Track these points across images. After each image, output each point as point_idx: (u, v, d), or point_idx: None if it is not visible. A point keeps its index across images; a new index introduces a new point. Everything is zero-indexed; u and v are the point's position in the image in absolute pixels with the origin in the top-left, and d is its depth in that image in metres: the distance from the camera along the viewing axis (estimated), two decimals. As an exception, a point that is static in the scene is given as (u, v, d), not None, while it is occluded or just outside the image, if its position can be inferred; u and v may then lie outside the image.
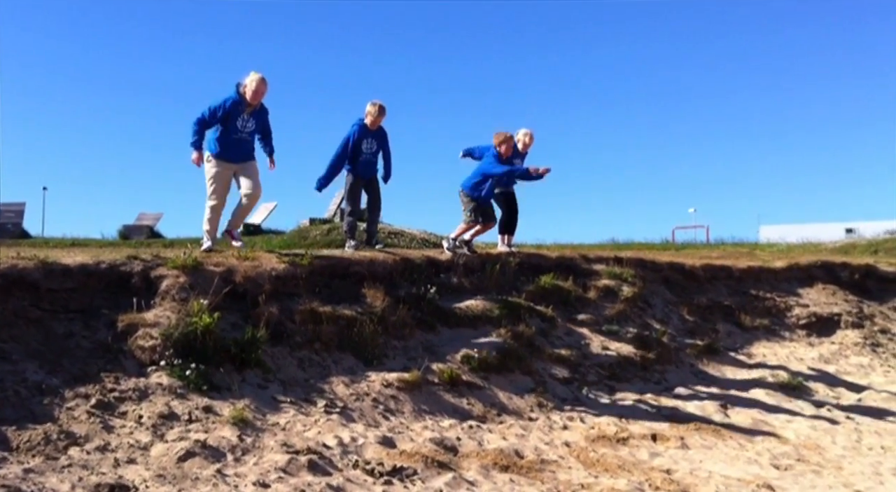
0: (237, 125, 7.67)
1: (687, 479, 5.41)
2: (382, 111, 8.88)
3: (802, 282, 11.16)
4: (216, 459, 4.66)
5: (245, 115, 7.70)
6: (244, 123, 7.71)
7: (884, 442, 6.75)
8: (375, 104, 8.86)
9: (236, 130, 7.68)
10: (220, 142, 7.74)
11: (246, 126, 7.74)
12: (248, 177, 7.84)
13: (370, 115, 8.83)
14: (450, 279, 8.73)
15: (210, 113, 7.60)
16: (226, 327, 6.27)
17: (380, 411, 6.05)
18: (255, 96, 7.61)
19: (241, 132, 7.72)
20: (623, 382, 7.90)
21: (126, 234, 17.80)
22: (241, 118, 7.67)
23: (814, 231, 25.13)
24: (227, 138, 7.70)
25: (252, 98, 7.61)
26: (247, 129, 7.76)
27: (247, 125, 7.74)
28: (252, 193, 7.86)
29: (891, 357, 9.57)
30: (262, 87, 7.63)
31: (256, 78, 7.59)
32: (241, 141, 7.75)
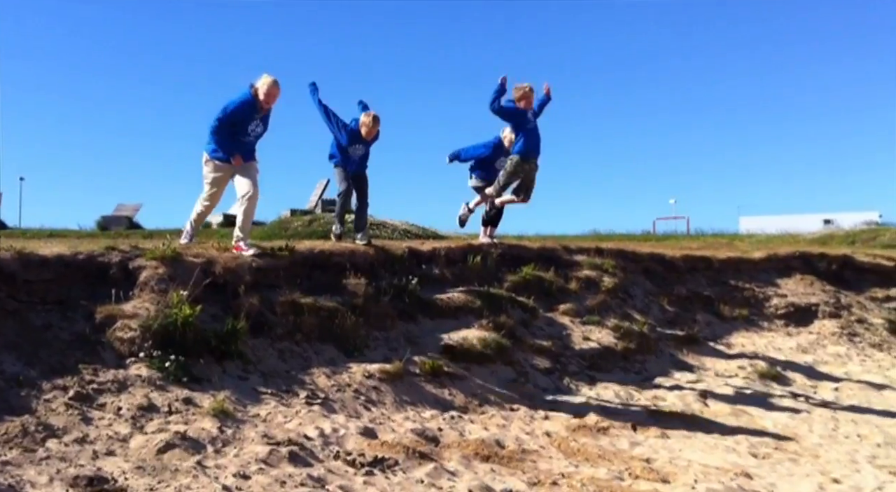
0: (247, 129, 7.28)
1: (666, 468, 5.46)
2: (377, 122, 8.61)
3: (781, 272, 11.27)
4: (196, 450, 4.64)
5: (256, 119, 7.31)
6: (254, 127, 7.32)
7: (860, 430, 6.85)
8: (370, 115, 8.55)
9: (245, 133, 7.30)
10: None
11: (255, 130, 7.36)
12: (246, 176, 7.37)
13: (365, 126, 8.54)
14: (431, 270, 8.73)
15: (228, 117, 7.20)
16: (206, 319, 6.22)
17: (361, 402, 6.05)
18: (268, 100, 7.20)
19: (250, 136, 7.34)
20: (604, 372, 7.95)
21: (104, 225, 17.63)
22: (253, 122, 7.28)
23: (793, 222, 25.35)
24: (234, 142, 7.31)
25: (265, 102, 7.19)
26: (255, 132, 7.38)
27: (256, 129, 7.37)
28: (252, 193, 7.36)
29: (867, 347, 9.70)
30: (276, 91, 7.22)
31: (269, 81, 7.16)
32: (247, 144, 7.37)
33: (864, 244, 16.40)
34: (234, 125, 7.21)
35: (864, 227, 21.19)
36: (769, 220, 27.78)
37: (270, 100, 7.20)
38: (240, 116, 7.21)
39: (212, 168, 7.44)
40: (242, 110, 7.19)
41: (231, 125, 7.21)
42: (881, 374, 8.85)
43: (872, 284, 11.54)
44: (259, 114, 7.27)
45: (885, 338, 10.01)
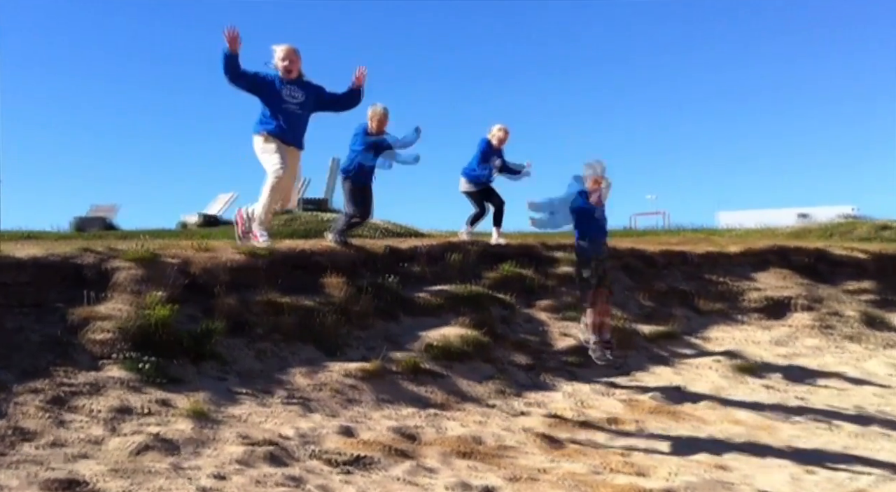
0: (282, 95, 6.74)
1: (644, 461, 5.50)
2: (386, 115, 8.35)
3: (757, 266, 11.36)
4: (172, 452, 4.62)
5: (289, 86, 6.78)
6: (291, 91, 6.75)
7: (834, 421, 6.93)
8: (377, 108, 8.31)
9: (282, 99, 6.75)
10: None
11: (294, 96, 6.77)
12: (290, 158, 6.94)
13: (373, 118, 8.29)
14: (411, 268, 8.74)
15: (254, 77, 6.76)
16: (182, 320, 6.20)
17: (339, 401, 6.04)
18: (287, 68, 6.68)
19: (290, 103, 6.76)
20: (583, 367, 7.97)
21: (80, 226, 17.42)
22: (286, 88, 6.75)
23: (770, 216, 25.60)
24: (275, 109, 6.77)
25: (285, 72, 6.69)
26: (295, 98, 6.78)
27: (295, 95, 6.77)
28: (281, 172, 6.82)
29: (842, 339, 9.81)
30: (289, 56, 6.71)
31: (276, 51, 6.72)
32: (290, 114, 6.81)
33: (839, 237, 16.58)
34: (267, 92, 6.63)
35: (840, 220, 21.42)
36: (747, 214, 28.01)
37: (291, 67, 6.67)
38: (265, 78, 6.65)
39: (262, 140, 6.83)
40: (268, 77, 6.66)
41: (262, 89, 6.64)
42: (855, 366, 8.96)
43: (847, 277, 11.67)
44: (288, 81, 6.70)
45: (860, 330, 10.12)
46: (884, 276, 11.83)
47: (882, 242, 15.07)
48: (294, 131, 6.63)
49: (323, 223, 12.94)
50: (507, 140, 9.64)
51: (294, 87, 6.50)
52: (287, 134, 6.53)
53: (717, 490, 4.94)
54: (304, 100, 6.55)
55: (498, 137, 9.60)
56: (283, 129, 6.48)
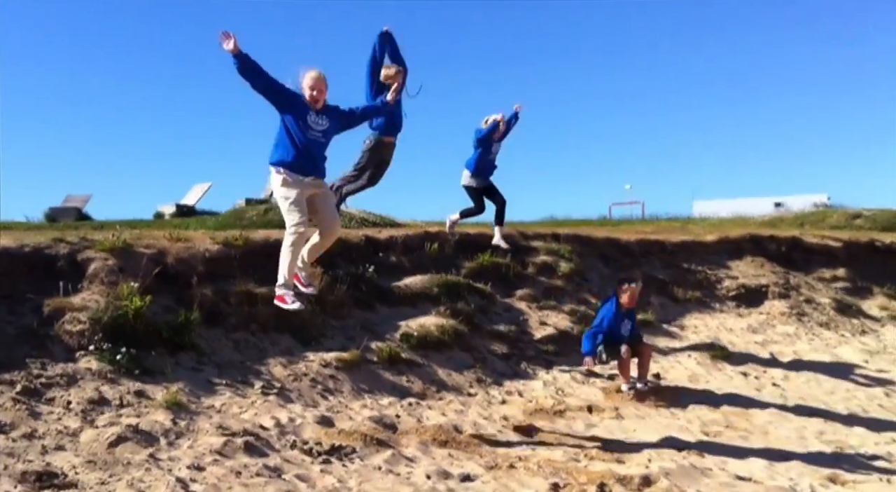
0: (307, 120, 5.77)
1: (621, 448, 5.55)
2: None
3: (732, 255, 11.48)
4: (149, 443, 4.58)
5: (313, 112, 5.78)
6: (316, 119, 5.80)
7: (808, 407, 7.03)
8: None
9: (307, 126, 5.75)
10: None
11: (319, 123, 5.82)
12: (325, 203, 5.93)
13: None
14: (389, 258, 8.71)
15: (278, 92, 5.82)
16: (157, 310, 6.14)
17: (318, 391, 6.02)
18: (314, 97, 5.74)
19: (313, 129, 5.79)
20: (561, 356, 8.02)
21: (53, 216, 17.17)
22: (310, 114, 5.78)
23: (745, 205, 25.89)
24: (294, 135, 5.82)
25: (312, 100, 5.73)
26: (320, 126, 5.82)
27: (320, 122, 5.82)
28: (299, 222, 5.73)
29: (815, 326, 9.95)
30: (317, 84, 5.77)
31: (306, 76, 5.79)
32: (312, 141, 5.79)
33: (812, 226, 16.81)
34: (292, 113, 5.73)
35: (814, 209, 21.70)
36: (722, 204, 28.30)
37: (319, 97, 5.73)
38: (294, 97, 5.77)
39: (279, 182, 5.70)
40: (297, 97, 5.76)
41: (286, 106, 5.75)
42: (828, 352, 9.09)
43: (820, 264, 11.84)
44: (314, 108, 5.78)
45: (833, 317, 10.28)
46: (856, 263, 12.01)
47: (854, 230, 15.30)
48: (315, 161, 5.77)
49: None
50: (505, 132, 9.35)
51: (321, 115, 5.76)
52: (307, 164, 5.68)
53: (694, 476, 4.99)
54: (327, 127, 5.83)
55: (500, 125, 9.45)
56: (303, 159, 5.64)
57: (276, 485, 4.22)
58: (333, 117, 5.93)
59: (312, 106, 5.71)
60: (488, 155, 9.09)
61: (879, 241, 12.97)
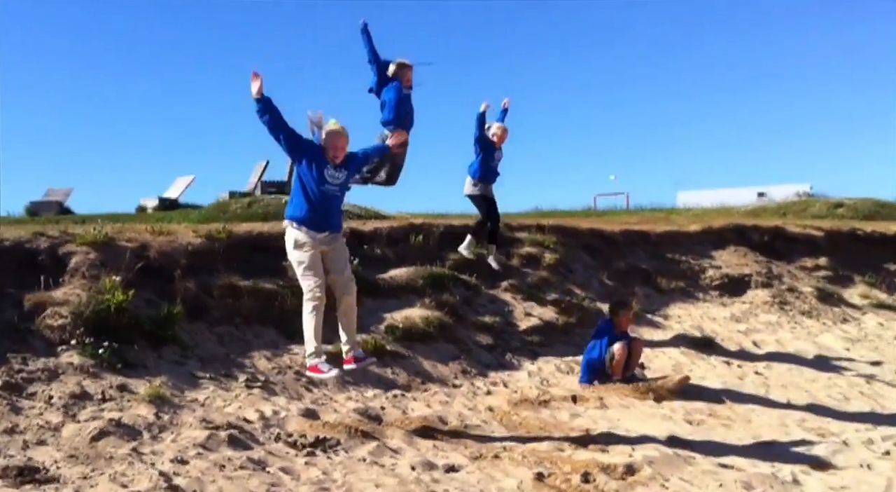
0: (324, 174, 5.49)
1: (605, 437, 5.56)
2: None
3: (715, 245, 11.54)
4: (132, 437, 4.56)
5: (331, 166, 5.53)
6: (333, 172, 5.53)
7: (789, 395, 7.10)
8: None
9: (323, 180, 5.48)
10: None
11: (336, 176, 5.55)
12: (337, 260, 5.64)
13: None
14: (373, 250, 8.70)
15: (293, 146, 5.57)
16: (140, 304, 6.11)
17: (302, 384, 6.01)
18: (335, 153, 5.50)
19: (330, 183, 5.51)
20: (545, 346, 8.05)
21: (34, 210, 17.04)
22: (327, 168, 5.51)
23: (728, 196, 26.01)
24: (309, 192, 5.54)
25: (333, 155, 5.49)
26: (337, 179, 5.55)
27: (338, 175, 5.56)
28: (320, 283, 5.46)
29: (797, 314, 10.03)
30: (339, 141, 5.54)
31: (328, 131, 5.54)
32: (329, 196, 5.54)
33: (795, 215, 16.90)
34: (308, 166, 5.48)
35: (796, 198, 21.83)
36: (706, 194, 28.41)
37: (339, 154, 5.50)
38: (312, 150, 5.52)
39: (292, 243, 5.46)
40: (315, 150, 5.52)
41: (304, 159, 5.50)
42: (810, 340, 9.17)
43: (802, 254, 11.92)
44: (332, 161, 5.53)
45: (815, 306, 10.36)
46: (837, 252, 12.10)
47: (836, 219, 15.41)
48: (330, 215, 5.56)
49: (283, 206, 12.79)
50: (506, 138, 8.80)
51: (338, 168, 5.53)
52: (322, 220, 5.46)
53: (677, 464, 5.02)
54: (344, 180, 5.62)
55: (498, 136, 8.68)
56: (318, 214, 5.42)
57: (261, 478, 4.21)
58: (351, 168, 5.71)
59: (331, 161, 5.49)
60: (491, 161, 8.63)
61: (860, 229, 13.07)
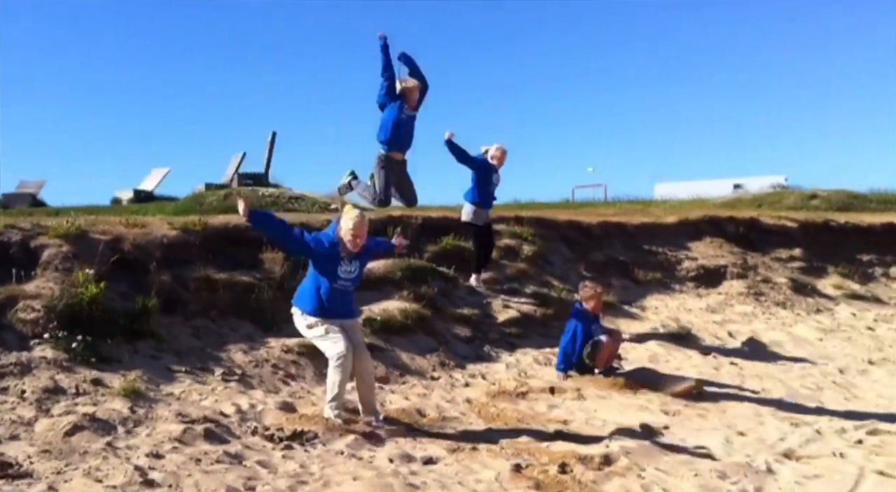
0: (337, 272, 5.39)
1: (583, 428, 5.61)
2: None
3: (692, 236, 11.63)
4: (106, 432, 4.52)
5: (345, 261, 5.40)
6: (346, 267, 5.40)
7: (764, 385, 7.18)
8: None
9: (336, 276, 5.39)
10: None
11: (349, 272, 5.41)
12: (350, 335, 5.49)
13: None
14: (351, 242, 8.65)
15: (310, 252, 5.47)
16: (114, 297, 6.05)
17: (280, 377, 5.99)
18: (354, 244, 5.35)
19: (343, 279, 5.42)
20: (524, 338, 8.08)
21: (6, 203, 16.78)
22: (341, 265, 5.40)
23: (705, 187, 26.10)
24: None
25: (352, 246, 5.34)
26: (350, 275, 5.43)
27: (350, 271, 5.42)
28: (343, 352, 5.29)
29: (772, 305, 10.15)
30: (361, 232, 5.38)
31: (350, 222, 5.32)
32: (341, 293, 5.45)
33: (770, 207, 17.04)
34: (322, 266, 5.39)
35: (771, 190, 21.99)
36: (682, 186, 28.50)
37: (360, 243, 5.36)
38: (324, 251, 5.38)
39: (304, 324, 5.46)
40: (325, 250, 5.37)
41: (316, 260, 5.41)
42: (784, 331, 9.28)
43: (777, 245, 12.05)
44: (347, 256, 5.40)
45: (789, 296, 10.49)
46: (811, 243, 12.25)
47: (810, 210, 15.57)
48: (343, 306, 5.45)
49: (260, 198, 12.72)
50: (506, 160, 8.73)
51: (352, 262, 5.39)
52: (335, 312, 5.36)
53: (653, 454, 5.06)
54: (357, 273, 5.49)
55: (497, 158, 8.65)
56: (330, 308, 5.34)
57: (237, 471, 4.19)
58: (363, 259, 5.58)
59: (346, 254, 5.32)
60: (488, 185, 8.52)
61: (834, 221, 13.23)
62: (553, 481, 4.52)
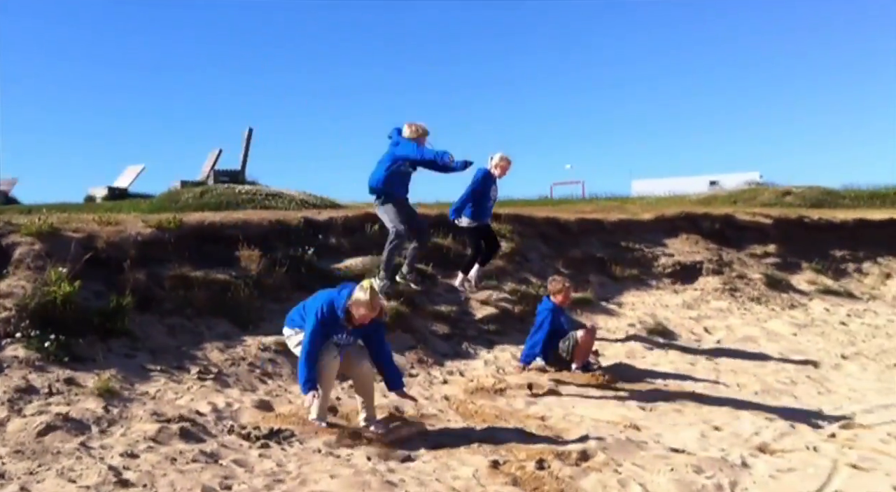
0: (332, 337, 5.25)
1: (560, 424, 5.63)
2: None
3: (668, 233, 11.70)
4: (80, 431, 4.46)
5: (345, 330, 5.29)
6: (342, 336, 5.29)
7: (739, 380, 7.25)
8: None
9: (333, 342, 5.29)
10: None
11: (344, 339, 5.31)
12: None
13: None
14: (328, 240, 8.64)
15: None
16: (88, 296, 5.97)
17: (256, 376, 5.95)
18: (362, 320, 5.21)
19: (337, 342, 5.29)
20: (502, 335, 8.09)
21: (-23, 201, 16.56)
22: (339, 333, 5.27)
23: (681, 184, 26.38)
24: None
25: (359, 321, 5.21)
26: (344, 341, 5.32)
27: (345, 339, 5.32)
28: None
29: (747, 300, 10.24)
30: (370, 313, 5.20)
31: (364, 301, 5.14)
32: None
33: (745, 203, 17.22)
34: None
35: (746, 187, 22.22)
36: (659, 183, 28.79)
37: (366, 321, 5.23)
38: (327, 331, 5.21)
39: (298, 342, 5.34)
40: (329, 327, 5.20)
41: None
42: (759, 326, 9.38)
43: (752, 241, 12.16)
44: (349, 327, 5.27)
45: (764, 292, 10.59)
46: (786, 239, 12.37)
47: (784, 207, 15.75)
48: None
49: (237, 195, 12.62)
50: (510, 170, 8.35)
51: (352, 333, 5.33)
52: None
53: (630, 449, 5.09)
54: (352, 341, 5.41)
55: (501, 167, 8.26)
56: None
57: (213, 471, 4.16)
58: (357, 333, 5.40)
59: (350, 325, 5.22)
60: (487, 201, 8.25)
61: (808, 217, 13.37)
62: (530, 477, 4.53)
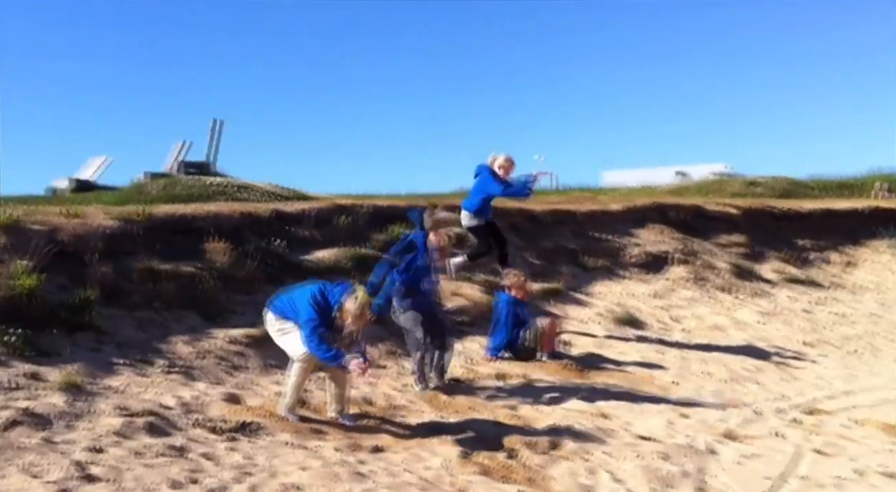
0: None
1: (530, 413, 5.66)
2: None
3: (637, 223, 11.78)
4: (44, 426, 4.40)
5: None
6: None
7: (707, 368, 7.35)
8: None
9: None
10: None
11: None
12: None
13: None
14: (299, 232, 8.59)
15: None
16: (52, 290, 5.89)
17: (224, 368, 5.91)
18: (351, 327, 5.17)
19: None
20: (472, 326, 8.10)
21: (-60, 194, 16.20)
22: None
23: (651, 175, 26.53)
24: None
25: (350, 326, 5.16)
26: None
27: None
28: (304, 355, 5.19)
29: (714, 290, 10.36)
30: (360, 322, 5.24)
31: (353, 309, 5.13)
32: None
33: (713, 194, 17.38)
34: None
35: (714, 177, 22.43)
36: (629, 174, 28.90)
37: (351, 328, 5.19)
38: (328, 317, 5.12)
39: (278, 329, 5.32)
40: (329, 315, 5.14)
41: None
42: (727, 315, 9.50)
43: (720, 231, 12.29)
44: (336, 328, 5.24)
45: (731, 281, 10.71)
46: (753, 229, 12.53)
47: (751, 197, 15.92)
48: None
49: (207, 187, 12.47)
50: (513, 170, 8.17)
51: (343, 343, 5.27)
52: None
53: (599, 438, 5.14)
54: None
55: (505, 169, 8.09)
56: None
57: (181, 465, 4.12)
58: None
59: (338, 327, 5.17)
60: (491, 200, 8.21)
61: (775, 208, 13.55)
62: (500, 466, 4.56)
